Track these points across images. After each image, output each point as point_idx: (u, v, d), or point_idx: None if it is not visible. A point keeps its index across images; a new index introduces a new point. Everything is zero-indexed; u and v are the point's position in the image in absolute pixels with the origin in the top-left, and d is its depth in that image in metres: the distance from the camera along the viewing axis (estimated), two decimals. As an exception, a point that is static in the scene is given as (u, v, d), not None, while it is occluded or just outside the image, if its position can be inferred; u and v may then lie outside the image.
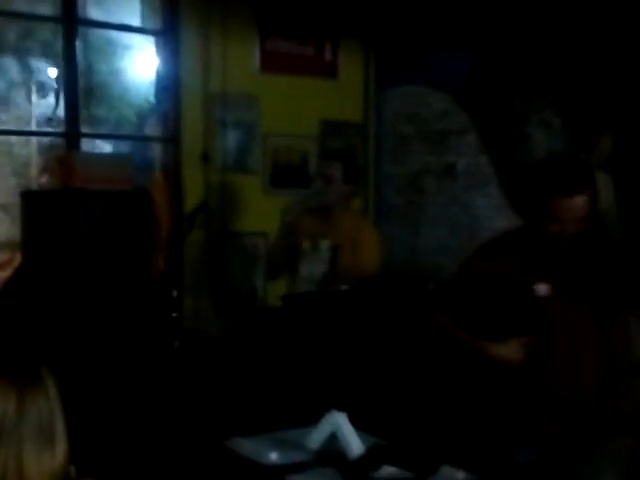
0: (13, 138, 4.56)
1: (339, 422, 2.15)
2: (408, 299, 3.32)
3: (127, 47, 4.64)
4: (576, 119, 4.03)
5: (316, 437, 2.18)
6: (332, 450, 2.14)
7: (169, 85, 4.48)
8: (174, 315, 3.66)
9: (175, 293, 3.72)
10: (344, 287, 3.45)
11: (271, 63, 4.71)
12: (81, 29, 4.26)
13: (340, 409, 2.17)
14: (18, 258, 3.94)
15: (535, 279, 2.42)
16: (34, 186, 4.46)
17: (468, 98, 4.53)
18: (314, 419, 2.17)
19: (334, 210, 3.54)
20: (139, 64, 4.68)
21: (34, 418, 1.25)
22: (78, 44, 4.21)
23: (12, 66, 4.52)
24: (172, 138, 4.50)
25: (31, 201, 3.74)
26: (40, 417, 1.26)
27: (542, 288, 2.41)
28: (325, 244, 3.52)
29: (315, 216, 3.52)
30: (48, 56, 4.51)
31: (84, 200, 3.58)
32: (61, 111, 4.30)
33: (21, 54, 4.51)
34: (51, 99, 4.48)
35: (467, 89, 4.51)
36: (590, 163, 3.55)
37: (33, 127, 4.54)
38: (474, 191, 4.53)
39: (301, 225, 3.54)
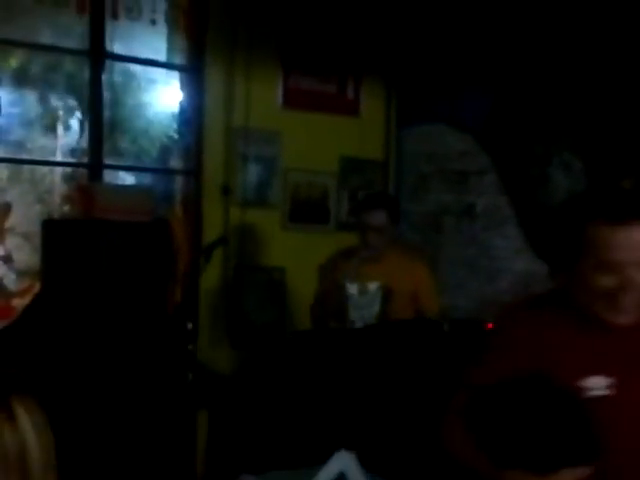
0: (37, 167, 4.61)
1: (348, 462, 2.14)
2: (422, 340, 3.30)
3: (152, 81, 4.70)
4: (597, 162, 4.03)
5: (324, 477, 2.18)
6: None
7: (192, 119, 4.54)
8: (189, 347, 3.68)
9: (190, 325, 3.74)
10: (359, 325, 3.45)
11: (293, 99, 4.76)
12: (107, 62, 4.31)
13: (349, 449, 2.17)
14: (37, 286, 3.96)
15: (588, 371, 1.71)
16: (57, 215, 4.50)
17: (488, 138, 4.55)
18: (323, 458, 2.17)
19: (381, 252, 3.47)
20: (163, 98, 4.73)
21: None
22: (103, 77, 4.29)
23: (37, 97, 4.60)
24: (193, 171, 4.54)
25: (52, 230, 3.78)
26: (5, 449, 1.13)
27: (598, 383, 1.71)
28: (374, 286, 3.45)
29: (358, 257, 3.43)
30: (73, 88, 4.58)
31: (104, 230, 3.61)
32: (85, 142, 4.35)
33: (46, 85, 4.59)
34: (76, 130, 4.54)
35: (487, 129, 4.53)
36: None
37: (58, 157, 4.59)
38: (493, 232, 4.53)
39: (342, 267, 3.45)
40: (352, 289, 3.46)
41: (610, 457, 1.58)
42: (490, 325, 3.14)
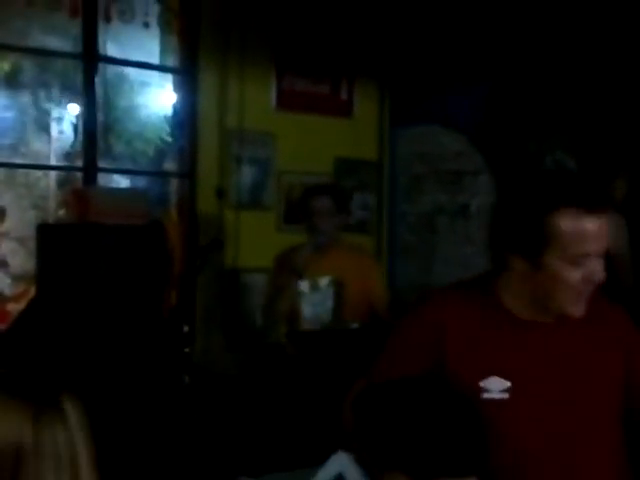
0: (32, 171, 4.61)
1: (346, 463, 2.14)
2: None
3: (145, 84, 4.71)
4: (590, 161, 4.01)
5: (322, 478, 2.18)
6: (338, 491, 2.14)
7: (186, 121, 4.54)
8: (185, 350, 3.67)
9: (186, 328, 3.74)
10: (354, 325, 3.45)
11: (287, 101, 4.77)
12: (100, 65, 4.31)
13: (347, 450, 2.17)
14: (32, 291, 3.96)
15: (490, 371, 1.62)
16: (50, 219, 4.50)
17: (482, 139, 4.56)
18: (321, 459, 2.17)
19: (330, 245, 3.45)
20: (157, 101, 4.75)
21: (51, 449, 1.13)
22: (97, 80, 4.28)
23: (29, 100, 4.60)
24: (188, 173, 4.55)
25: (47, 234, 3.78)
26: (57, 448, 1.14)
27: (498, 384, 1.62)
28: (325, 281, 3.43)
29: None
30: (66, 90, 4.58)
31: (100, 234, 3.62)
32: (79, 145, 4.35)
33: (38, 88, 4.59)
34: (69, 133, 4.55)
35: (481, 130, 4.55)
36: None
37: (52, 161, 4.60)
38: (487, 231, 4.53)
39: (287, 265, 3.42)
40: (303, 286, 3.42)
41: (509, 458, 1.57)
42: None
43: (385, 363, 1.78)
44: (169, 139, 4.71)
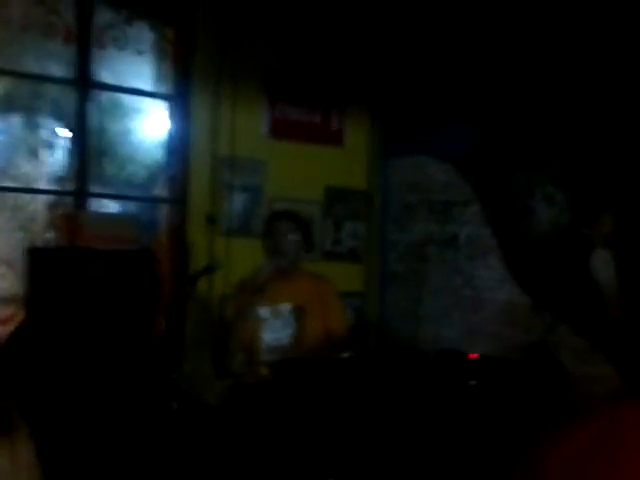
0: (21, 194, 4.61)
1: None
2: (408, 370, 3.31)
3: (138, 110, 4.73)
4: (579, 195, 4.07)
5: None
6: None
7: (178, 147, 4.58)
8: (173, 376, 3.68)
9: (175, 355, 3.83)
10: (345, 355, 3.45)
11: (279, 129, 4.82)
12: (93, 91, 4.37)
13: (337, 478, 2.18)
14: (20, 314, 3.93)
15: None
16: (39, 242, 4.50)
17: (471, 169, 4.59)
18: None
19: (292, 271, 3.45)
20: (149, 126, 4.77)
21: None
22: (90, 105, 4.32)
23: (21, 123, 4.62)
24: (179, 199, 4.58)
25: (36, 258, 3.75)
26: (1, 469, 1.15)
27: None
28: (286, 307, 3.42)
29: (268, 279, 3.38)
30: (58, 114, 4.60)
31: (90, 259, 3.63)
32: (71, 170, 4.37)
33: (30, 112, 4.61)
34: (60, 157, 4.57)
35: (470, 160, 4.58)
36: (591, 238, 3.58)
37: (42, 184, 4.60)
38: (476, 262, 4.57)
39: (249, 287, 3.39)
40: (264, 313, 3.43)
41: None
42: (474, 356, 3.21)
43: None
44: (161, 165, 4.74)
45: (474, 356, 3.17)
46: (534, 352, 3.99)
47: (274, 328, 3.42)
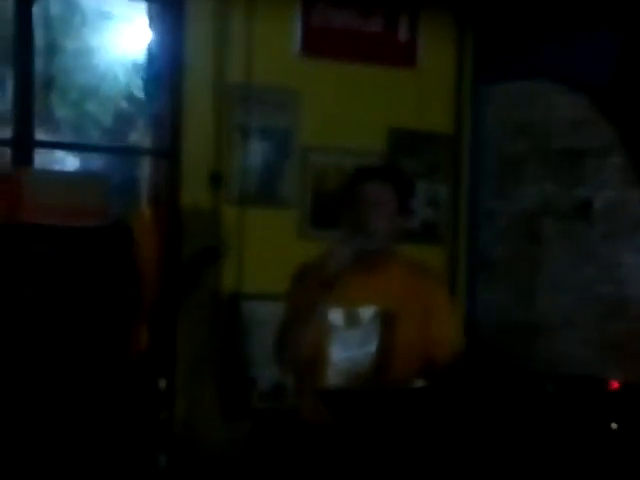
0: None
1: None
2: (515, 406, 3.25)
3: (104, 16, 4.76)
4: None
5: None
6: None
7: (166, 74, 4.56)
8: (162, 416, 3.83)
9: (164, 384, 3.86)
10: (418, 384, 3.40)
11: (317, 44, 4.81)
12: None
13: None
14: None
15: None
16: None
17: (614, 102, 4.54)
18: None
19: (380, 258, 3.42)
20: (121, 42, 4.79)
21: None
22: (35, 11, 4.31)
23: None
24: (168, 151, 4.57)
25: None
26: None
27: None
28: (368, 312, 3.39)
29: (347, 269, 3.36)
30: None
31: (35, 240, 3.69)
32: (4, 108, 4.43)
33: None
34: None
35: (612, 89, 4.52)
36: None
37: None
38: (619, 242, 4.53)
39: (314, 278, 3.36)
40: (336, 318, 3.37)
41: None
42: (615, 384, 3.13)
43: None
44: (140, 99, 4.76)
45: (615, 385, 3.06)
46: None
47: (348, 341, 3.39)
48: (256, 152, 4.64)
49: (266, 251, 4.58)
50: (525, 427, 3.11)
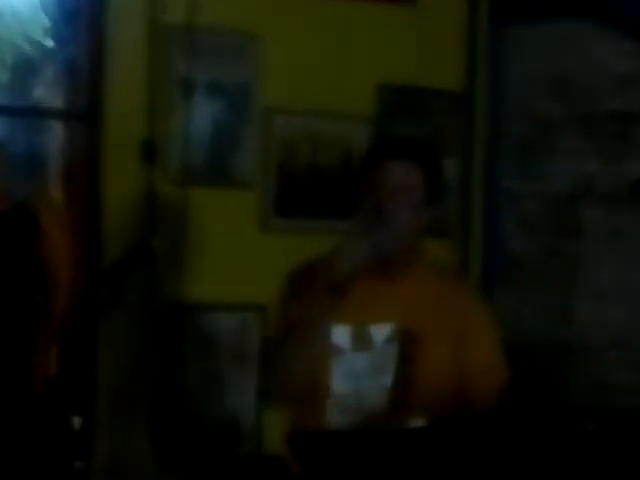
0: None
1: None
2: (549, 449, 3.30)
3: None
4: None
5: None
6: None
7: (84, 10, 4.57)
8: (77, 466, 3.77)
9: (79, 422, 3.80)
10: (416, 423, 3.44)
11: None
12: None
13: None
14: None
15: None
16: None
17: None
18: None
19: (400, 260, 3.42)
20: None
21: None
22: None
23: None
24: (85, 113, 4.59)
25: None
26: None
27: None
28: (382, 331, 3.40)
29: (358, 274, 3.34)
30: None
31: None
32: None
33: None
34: None
35: None
36: None
37: None
38: None
39: (316, 281, 3.33)
40: (341, 337, 3.36)
41: None
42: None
43: None
44: (47, 43, 4.81)
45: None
46: None
47: (356, 368, 3.38)
48: (203, 114, 4.67)
49: (217, 247, 4.64)
50: (563, 469, 3.18)
